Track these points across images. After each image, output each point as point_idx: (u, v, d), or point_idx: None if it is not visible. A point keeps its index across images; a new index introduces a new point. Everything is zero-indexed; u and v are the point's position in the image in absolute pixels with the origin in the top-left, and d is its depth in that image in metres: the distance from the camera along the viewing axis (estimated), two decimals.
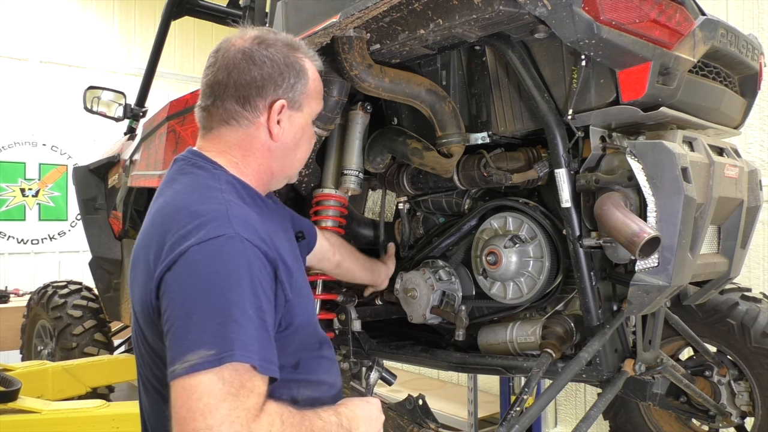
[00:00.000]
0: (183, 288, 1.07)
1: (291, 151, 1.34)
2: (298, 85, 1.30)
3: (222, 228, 1.10)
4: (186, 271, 1.07)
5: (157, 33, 3.61)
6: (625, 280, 1.60)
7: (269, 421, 1.02)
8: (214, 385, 0.98)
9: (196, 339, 1.01)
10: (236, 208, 1.17)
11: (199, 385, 0.98)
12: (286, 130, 1.31)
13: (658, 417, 2.51)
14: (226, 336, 1.01)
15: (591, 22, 1.41)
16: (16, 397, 2.81)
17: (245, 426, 0.98)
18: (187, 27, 7.30)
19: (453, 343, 2.06)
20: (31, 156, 6.68)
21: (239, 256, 1.09)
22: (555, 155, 1.63)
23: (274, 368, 1.08)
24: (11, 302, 5.22)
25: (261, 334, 1.06)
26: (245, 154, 1.30)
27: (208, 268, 1.07)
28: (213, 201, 1.17)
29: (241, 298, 1.05)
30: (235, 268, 1.07)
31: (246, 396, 1.00)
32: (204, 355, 0.99)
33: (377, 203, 2.60)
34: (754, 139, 3.42)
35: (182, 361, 1.00)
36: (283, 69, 1.28)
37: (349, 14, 1.58)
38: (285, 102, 1.29)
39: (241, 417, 0.98)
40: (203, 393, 0.98)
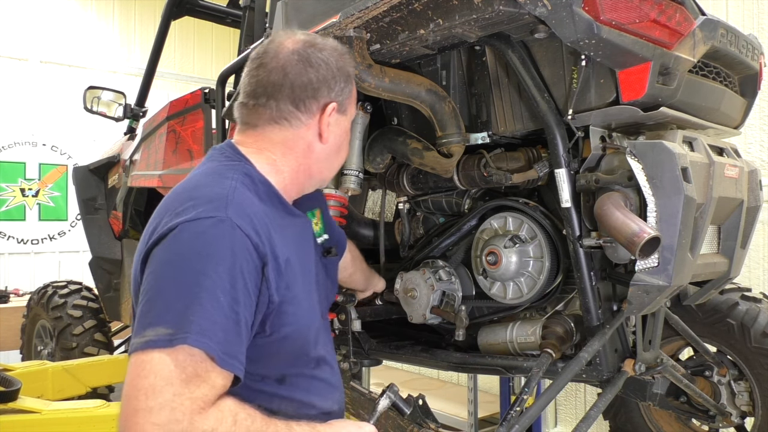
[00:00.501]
0: (161, 263, 1.05)
1: (334, 153, 1.36)
2: (346, 90, 1.32)
3: (215, 210, 1.09)
4: (168, 247, 1.06)
5: (157, 33, 3.61)
6: (625, 280, 1.60)
7: (218, 417, 0.98)
8: (164, 366, 0.94)
9: (159, 315, 0.99)
10: (240, 196, 1.15)
11: (149, 362, 0.95)
12: (334, 132, 1.32)
13: (658, 417, 2.51)
14: (187, 318, 0.98)
15: (591, 22, 1.41)
16: (16, 397, 2.81)
17: (187, 415, 0.94)
18: (187, 27, 7.31)
19: (453, 343, 2.06)
20: (31, 156, 6.68)
21: (224, 240, 1.06)
22: (555, 155, 1.63)
23: (236, 365, 1.04)
24: (11, 302, 5.22)
25: (229, 325, 1.02)
26: (286, 152, 1.30)
27: (190, 247, 1.05)
28: (218, 186, 1.17)
29: (214, 284, 1.02)
30: (216, 252, 1.05)
31: (197, 385, 0.96)
32: (161, 333, 0.97)
33: (377, 203, 2.60)
34: (754, 139, 3.42)
35: (141, 335, 0.98)
36: (336, 73, 1.29)
37: (349, 14, 1.58)
38: (336, 105, 1.30)
39: (184, 405, 0.94)
40: (151, 372, 0.94)
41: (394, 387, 1.50)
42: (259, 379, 1.20)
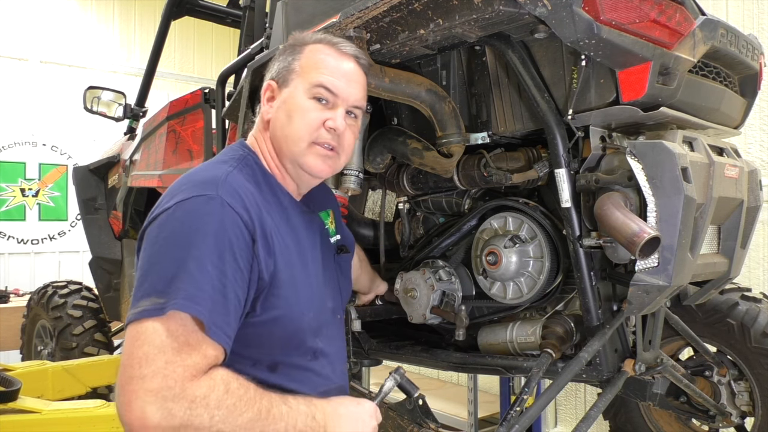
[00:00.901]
0: (154, 239, 1.10)
1: (278, 126, 1.35)
2: (284, 64, 1.37)
3: (207, 190, 1.14)
4: (162, 224, 1.11)
5: (157, 33, 3.61)
6: (625, 280, 1.60)
7: (209, 385, 1.01)
8: (157, 334, 0.98)
9: (151, 286, 1.03)
10: (233, 179, 1.21)
11: (144, 332, 0.99)
12: (276, 107, 1.36)
13: (658, 417, 2.51)
14: (176, 285, 1.02)
15: (591, 22, 1.41)
16: (16, 397, 2.81)
17: (179, 382, 0.97)
18: (187, 27, 7.31)
19: (453, 343, 2.06)
20: (31, 156, 6.68)
21: (214, 216, 1.10)
22: (555, 155, 1.63)
23: (224, 337, 1.06)
24: (11, 302, 5.22)
25: (217, 296, 1.05)
26: (259, 134, 1.39)
27: (181, 222, 1.10)
28: (214, 170, 1.22)
29: (203, 255, 1.06)
30: (205, 226, 1.09)
31: (188, 353, 0.99)
32: (154, 302, 1.01)
33: (377, 203, 2.60)
34: (754, 139, 3.42)
35: (136, 306, 1.02)
36: (280, 55, 1.39)
37: (349, 14, 1.58)
38: (273, 82, 1.37)
39: (177, 372, 0.97)
40: (145, 341, 0.98)
41: (401, 369, 1.50)
42: (250, 364, 1.21)
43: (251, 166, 1.31)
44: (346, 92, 1.35)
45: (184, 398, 0.97)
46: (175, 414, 0.96)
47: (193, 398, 0.98)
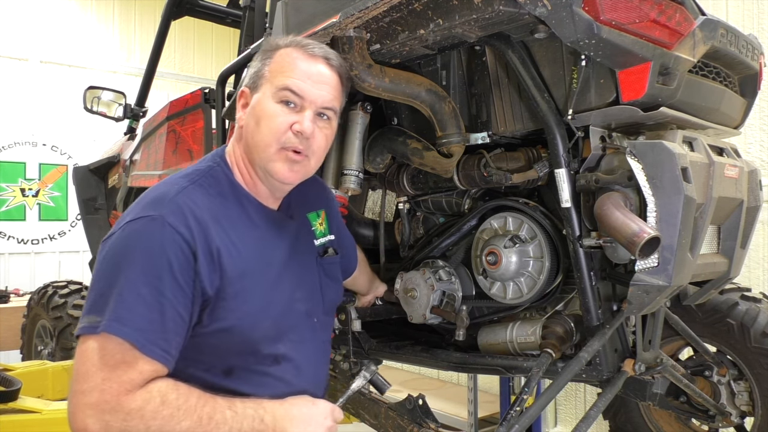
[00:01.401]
0: (101, 259, 1.17)
1: (249, 132, 1.35)
2: (253, 71, 1.37)
3: (151, 210, 1.17)
4: (107, 246, 1.17)
5: (157, 33, 3.61)
6: (625, 280, 1.60)
7: (145, 398, 1.07)
8: (95, 352, 1.07)
9: (91, 304, 1.11)
10: (184, 195, 1.22)
11: (85, 349, 1.08)
12: (248, 113, 1.36)
13: (658, 417, 2.51)
14: (108, 306, 1.09)
15: (591, 22, 1.41)
16: (16, 397, 2.81)
17: (115, 397, 1.04)
18: (187, 27, 7.31)
19: (453, 343, 2.06)
20: (31, 156, 6.68)
21: (153, 237, 1.14)
22: (555, 155, 1.63)
23: (158, 352, 1.10)
24: (11, 302, 5.21)
25: (152, 314, 1.10)
26: (235, 142, 1.39)
27: (121, 244, 1.15)
28: (168, 187, 1.24)
29: (137, 277, 1.10)
30: (142, 247, 1.13)
31: (123, 370, 1.06)
32: (91, 321, 1.08)
33: (377, 203, 2.60)
34: (754, 139, 3.42)
35: (81, 321, 1.11)
36: (253, 63, 1.38)
37: (349, 14, 1.58)
38: (246, 89, 1.37)
39: (112, 388, 1.05)
40: (87, 359, 1.07)
41: (372, 366, 1.49)
42: (204, 369, 1.24)
43: (216, 177, 1.31)
44: (314, 94, 1.33)
45: (119, 411, 1.04)
46: (112, 426, 1.04)
47: (128, 411, 1.05)
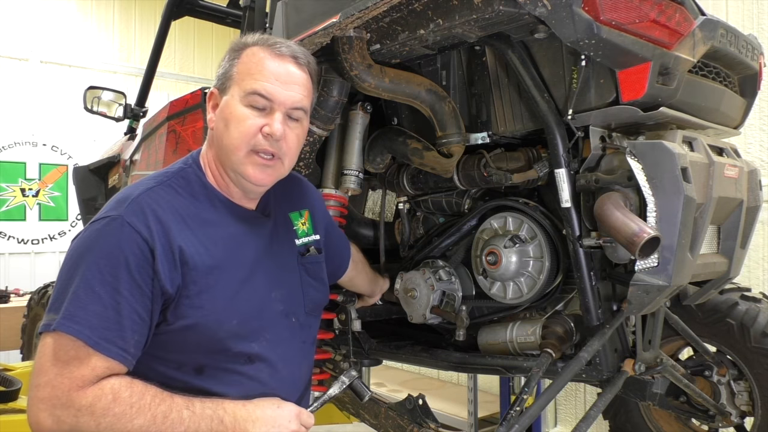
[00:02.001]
0: (66, 256, 1.20)
1: (218, 135, 1.34)
2: (222, 72, 1.36)
3: (112, 210, 1.19)
4: (71, 246, 1.20)
5: (157, 33, 3.61)
6: (625, 280, 1.60)
7: (96, 395, 1.08)
8: (50, 348, 1.09)
9: (51, 302, 1.14)
10: (147, 195, 1.23)
11: (43, 345, 1.11)
12: (217, 116, 1.35)
13: (658, 417, 2.51)
14: (63, 306, 1.11)
15: (591, 22, 1.41)
16: (16, 397, 2.81)
17: (65, 393, 1.06)
18: (187, 27, 7.30)
19: (453, 343, 2.06)
20: (32, 156, 6.68)
21: (111, 237, 1.16)
22: (555, 155, 1.63)
23: (113, 349, 1.11)
24: (11, 302, 5.21)
25: (107, 313, 1.11)
26: (208, 145, 1.39)
27: (82, 245, 1.17)
28: (134, 189, 1.25)
29: (93, 276, 1.12)
30: (99, 248, 1.15)
31: (76, 366, 1.08)
32: (50, 318, 1.11)
33: (377, 203, 2.60)
34: (754, 139, 3.42)
35: (43, 318, 1.14)
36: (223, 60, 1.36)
37: (349, 14, 1.58)
38: (215, 90, 1.36)
39: (64, 384, 1.07)
40: (43, 353, 1.10)
41: (352, 371, 1.46)
42: (175, 367, 1.25)
43: (187, 178, 1.31)
44: (283, 95, 1.31)
45: (70, 407, 1.06)
46: (63, 420, 1.05)
47: (78, 407, 1.06)
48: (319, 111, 1.87)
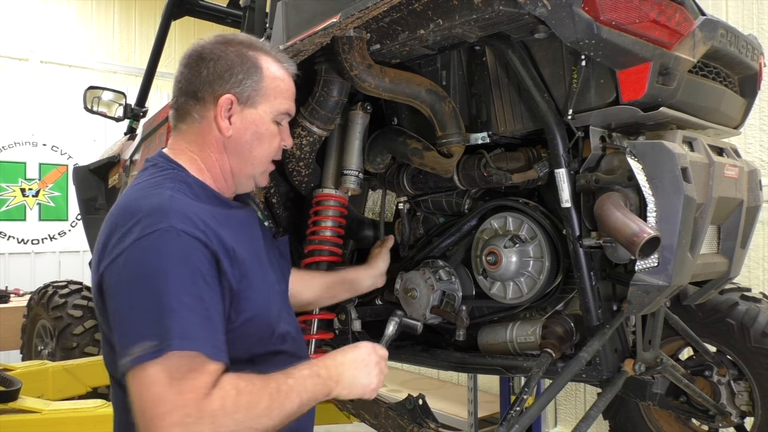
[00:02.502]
0: (122, 283, 1.12)
1: (246, 148, 1.35)
2: (248, 81, 1.32)
3: (157, 223, 1.14)
4: (125, 268, 1.12)
5: (158, 33, 3.61)
6: (625, 280, 1.61)
7: (221, 395, 1.06)
8: (159, 374, 1.03)
9: (138, 332, 1.07)
10: (178, 203, 1.20)
11: (148, 375, 1.03)
12: (237, 126, 1.32)
13: (658, 417, 2.51)
14: (164, 326, 1.05)
15: (591, 23, 1.41)
16: (16, 396, 2.81)
17: (195, 406, 1.02)
18: (187, 27, 7.30)
19: (453, 343, 2.06)
20: (32, 156, 6.68)
21: (174, 248, 1.12)
22: (555, 155, 1.63)
23: (222, 355, 1.11)
24: (11, 302, 5.21)
25: (203, 321, 1.10)
26: (202, 149, 1.34)
27: (144, 262, 1.11)
28: (156, 197, 1.21)
29: (177, 289, 1.08)
30: (169, 261, 1.11)
31: (194, 378, 1.05)
32: (146, 347, 1.04)
33: (377, 203, 2.60)
34: (754, 139, 3.42)
35: (128, 354, 1.05)
36: (233, 65, 1.31)
37: (349, 14, 1.58)
38: (233, 97, 1.31)
39: (190, 399, 1.03)
40: (152, 383, 1.03)
41: (398, 312, 1.60)
42: (232, 362, 1.24)
43: (185, 181, 1.30)
44: (293, 111, 1.42)
45: (204, 417, 1.03)
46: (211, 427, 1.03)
47: (211, 413, 1.04)
48: (319, 111, 1.87)
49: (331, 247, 2.08)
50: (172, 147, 1.36)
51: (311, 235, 2.09)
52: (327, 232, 2.07)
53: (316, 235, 2.07)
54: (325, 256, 2.07)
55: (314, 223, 2.09)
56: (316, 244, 2.07)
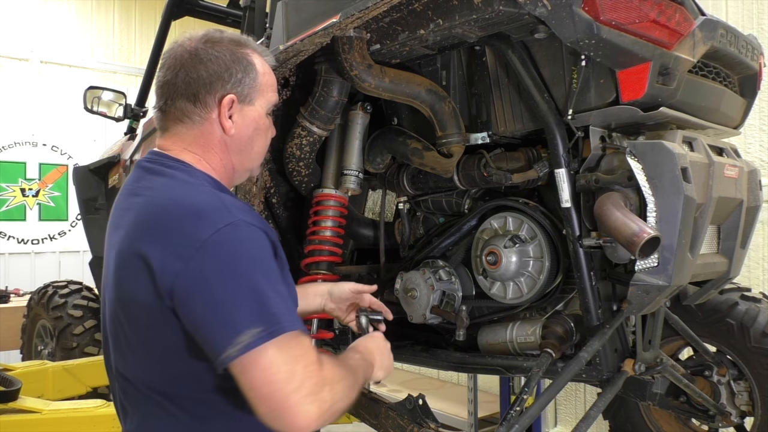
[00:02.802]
0: (210, 280, 1.10)
1: (247, 144, 1.37)
2: (246, 79, 1.33)
3: (225, 217, 1.14)
4: (208, 265, 1.11)
5: (158, 33, 3.61)
6: (625, 280, 1.61)
7: (329, 366, 1.16)
8: (279, 355, 1.08)
9: (241, 321, 1.08)
10: (227, 198, 1.22)
11: (266, 359, 1.07)
12: (239, 124, 1.34)
13: (658, 417, 2.51)
14: (267, 311, 1.10)
15: (591, 23, 1.41)
16: (16, 396, 2.81)
17: (318, 376, 1.11)
18: (187, 27, 7.28)
19: (453, 343, 2.06)
20: (32, 156, 6.68)
21: (250, 238, 1.15)
22: (555, 155, 1.63)
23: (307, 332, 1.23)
24: (11, 302, 5.21)
25: (289, 303, 1.16)
26: (205, 150, 1.33)
27: (229, 256, 1.12)
28: (201, 194, 1.21)
29: (265, 276, 1.13)
30: (250, 252, 1.14)
31: (307, 354, 1.12)
32: (255, 333, 1.07)
33: (377, 203, 2.60)
34: (754, 139, 3.42)
35: (233, 344, 1.06)
36: (230, 65, 1.31)
37: (349, 14, 1.58)
38: (234, 96, 1.32)
39: (313, 370, 1.10)
40: (273, 364, 1.07)
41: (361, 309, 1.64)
42: None
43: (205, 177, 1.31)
44: None
45: (325, 384, 1.11)
46: (324, 400, 1.10)
47: (330, 380, 1.13)
48: (319, 111, 1.88)
49: (331, 247, 2.08)
50: (169, 148, 1.33)
51: (311, 235, 2.09)
52: (327, 232, 2.07)
53: (316, 235, 2.08)
54: (325, 256, 2.07)
55: (314, 223, 2.09)
56: (316, 244, 2.07)
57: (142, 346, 1.20)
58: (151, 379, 1.21)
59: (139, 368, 1.23)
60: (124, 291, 1.19)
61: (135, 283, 1.16)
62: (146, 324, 1.17)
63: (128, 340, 1.22)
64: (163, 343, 1.17)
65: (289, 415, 1.07)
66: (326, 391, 1.11)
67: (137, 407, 1.26)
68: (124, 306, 1.20)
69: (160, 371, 1.20)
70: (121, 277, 1.20)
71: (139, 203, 1.23)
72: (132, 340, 1.21)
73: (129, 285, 1.18)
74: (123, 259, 1.19)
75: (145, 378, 1.22)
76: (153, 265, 1.13)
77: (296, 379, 1.08)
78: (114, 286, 1.22)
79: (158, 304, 1.13)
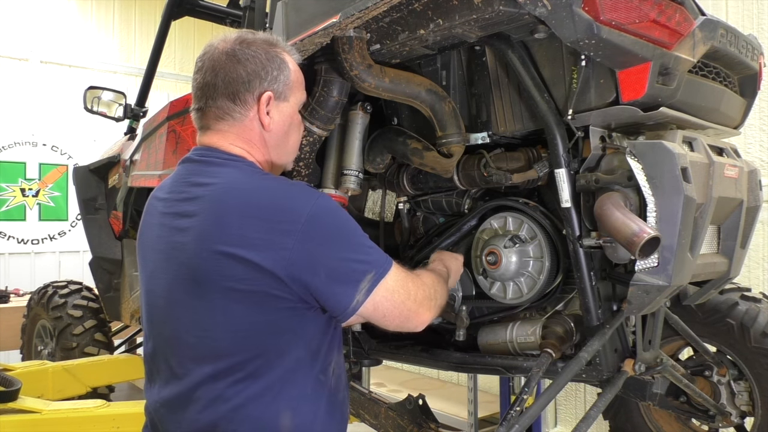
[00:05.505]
0: (323, 246, 1.27)
1: (283, 139, 1.46)
2: (281, 77, 1.41)
3: (312, 193, 1.32)
4: (317, 235, 1.27)
5: (157, 33, 3.61)
6: (625, 280, 1.61)
7: (426, 277, 1.51)
8: (395, 282, 1.35)
9: (359, 270, 1.30)
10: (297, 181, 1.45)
11: (389, 288, 1.33)
12: (276, 119, 1.42)
13: (658, 417, 2.51)
14: (373, 258, 1.34)
15: (591, 23, 1.41)
16: (16, 397, 2.81)
17: (423, 285, 1.43)
18: (187, 27, 7.31)
19: (453, 343, 2.06)
20: (32, 156, 6.68)
21: (336, 206, 1.35)
22: (555, 155, 1.63)
23: None
24: (11, 302, 5.21)
25: (379, 247, 1.39)
26: (249, 145, 1.41)
27: (330, 224, 1.30)
28: (275, 179, 1.36)
29: (358, 233, 1.34)
30: (342, 216, 1.35)
31: (408, 274, 1.41)
32: (370, 278, 1.30)
33: (377, 203, 2.60)
34: (754, 139, 3.42)
35: (359, 290, 1.29)
36: (266, 63, 1.39)
37: (349, 14, 1.58)
38: (271, 93, 1.39)
39: (419, 283, 1.42)
40: (396, 288, 1.35)
41: None
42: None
43: (262, 172, 1.43)
44: None
45: (428, 290, 1.44)
46: (434, 306, 1.45)
47: (431, 286, 1.47)
48: (319, 111, 1.87)
49: None
50: (217, 143, 1.39)
51: None
52: None
53: None
54: None
55: None
56: None
57: (220, 326, 1.27)
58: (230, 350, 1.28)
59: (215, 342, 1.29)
60: (200, 273, 1.26)
61: (218, 266, 1.24)
62: (232, 307, 1.26)
63: (201, 325, 1.29)
64: (250, 320, 1.26)
65: (414, 318, 1.39)
66: (434, 298, 1.45)
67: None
68: (198, 285, 1.27)
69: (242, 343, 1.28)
70: (198, 262, 1.27)
71: (210, 191, 1.30)
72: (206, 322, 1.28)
73: (209, 267, 1.25)
74: (201, 249, 1.26)
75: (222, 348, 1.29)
76: (256, 244, 1.22)
77: (411, 293, 1.37)
78: (186, 266, 1.29)
79: (251, 285, 1.23)
